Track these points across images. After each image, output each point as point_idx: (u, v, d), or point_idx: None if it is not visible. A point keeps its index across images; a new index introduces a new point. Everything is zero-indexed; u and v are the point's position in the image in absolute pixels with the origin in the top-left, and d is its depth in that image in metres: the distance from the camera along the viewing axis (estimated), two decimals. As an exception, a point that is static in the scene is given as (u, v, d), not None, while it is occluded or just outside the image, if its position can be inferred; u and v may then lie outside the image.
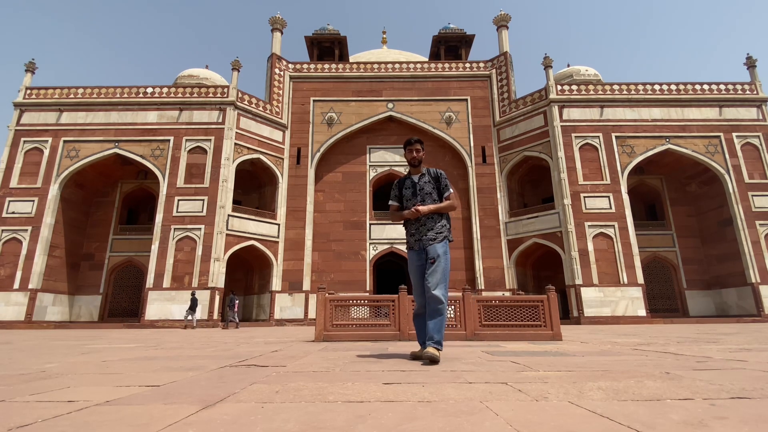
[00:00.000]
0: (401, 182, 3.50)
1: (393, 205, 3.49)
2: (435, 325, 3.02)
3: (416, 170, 3.43)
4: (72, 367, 3.00)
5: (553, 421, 1.30)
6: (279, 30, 23.41)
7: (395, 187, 3.51)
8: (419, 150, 3.38)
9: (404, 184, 3.45)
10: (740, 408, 1.45)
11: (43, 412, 1.48)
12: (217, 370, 2.74)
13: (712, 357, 3.27)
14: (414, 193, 3.36)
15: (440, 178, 3.36)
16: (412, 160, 3.38)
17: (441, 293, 3.03)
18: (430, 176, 3.39)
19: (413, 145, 3.39)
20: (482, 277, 19.64)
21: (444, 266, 3.13)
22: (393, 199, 3.49)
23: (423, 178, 3.38)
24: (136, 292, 20.15)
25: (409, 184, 3.41)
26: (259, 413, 1.46)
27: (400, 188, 3.47)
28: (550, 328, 6.25)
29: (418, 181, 3.39)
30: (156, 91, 19.87)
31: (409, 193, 3.38)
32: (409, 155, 3.40)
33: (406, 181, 3.45)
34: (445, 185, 3.34)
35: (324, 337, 6.19)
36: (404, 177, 3.52)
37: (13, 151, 18.59)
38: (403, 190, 3.43)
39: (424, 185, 3.35)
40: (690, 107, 19.77)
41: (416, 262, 3.29)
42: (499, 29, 23.44)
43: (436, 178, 3.37)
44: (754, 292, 17.45)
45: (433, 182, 3.36)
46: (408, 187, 3.41)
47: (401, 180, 3.52)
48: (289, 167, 21.13)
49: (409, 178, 3.45)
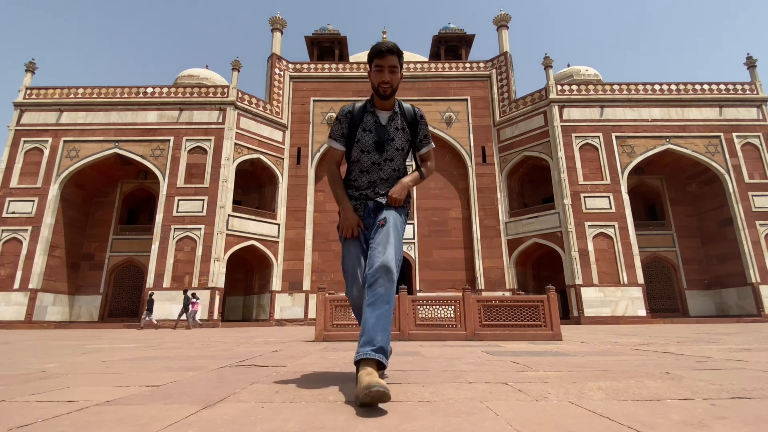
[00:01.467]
0: (357, 116, 2.13)
1: (336, 150, 2.17)
2: (379, 319, 1.79)
3: (385, 103, 2.12)
4: (72, 367, 3.00)
5: (553, 421, 1.30)
6: (279, 30, 23.42)
7: (344, 119, 2.14)
8: (395, 69, 2.03)
9: (363, 122, 2.12)
10: (740, 408, 1.44)
11: (43, 412, 1.48)
12: (217, 370, 2.74)
13: (712, 357, 3.27)
14: (379, 143, 2.11)
15: (419, 124, 2.20)
16: (383, 86, 2.03)
17: (394, 263, 1.87)
18: (405, 119, 2.17)
19: (385, 57, 2.00)
20: (482, 277, 19.64)
21: (399, 232, 2.04)
22: (337, 138, 2.15)
23: (394, 121, 2.14)
24: (136, 292, 20.15)
25: (370, 125, 2.11)
26: (259, 413, 1.45)
27: (354, 126, 2.13)
28: (550, 328, 6.25)
29: (387, 125, 2.12)
30: (156, 91, 19.88)
31: (370, 142, 2.11)
32: (378, 76, 2.03)
33: (367, 118, 2.13)
34: (424, 135, 2.22)
35: (324, 337, 6.19)
36: (361, 107, 2.15)
37: (13, 151, 18.60)
38: (361, 132, 2.12)
39: (394, 134, 2.13)
40: (690, 107, 19.77)
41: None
42: (499, 29, 23.45)
43: (413, 123, 2.18)
44: (754, 292, 17.45)
45: (408, 128, 2.17)
46: (369, 130, 2.11)
47: (357, 111, 2.13)
48: (289, 167, 21.13)
49: (373, 114, 2.13)
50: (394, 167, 2.17)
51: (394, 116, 2.16)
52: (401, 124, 2.16)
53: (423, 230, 20.78)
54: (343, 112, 2.15)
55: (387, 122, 2.14)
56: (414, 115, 2.20)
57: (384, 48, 2.00)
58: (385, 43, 2.01)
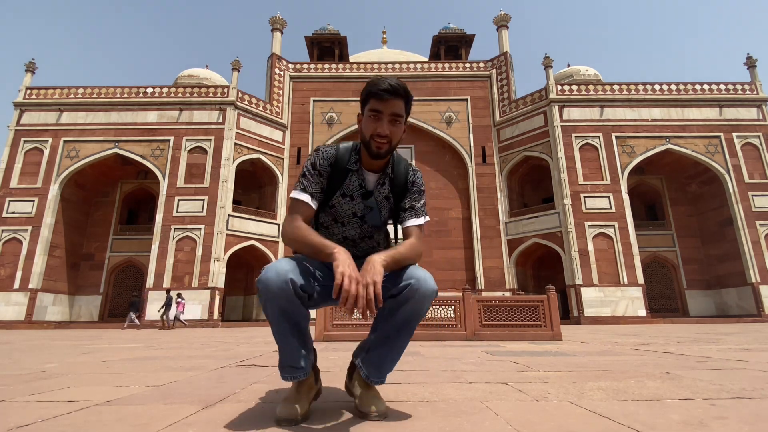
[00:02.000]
0: (337, 168, 1.53)
1: (304, 204, 1.47)
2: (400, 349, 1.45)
3: (376, 163, 1.53)
4: (72, 367, 3.00)
5: (553, 421, 1.30)
6: (279, 30, 23.42)
7: (324, 169, 1.52)
8: (399, 119, 1.44)
9: (345, 183, 1.54)
10: (740, 408, 1.44)
11: (43, 412, 1.48)
12: (217, 370, 2.74)
13: (712, 357, 3.27)
14: (358, 212, 1.55)
15: (408, 191, 1.59)
16: (378, 140, 1.44)
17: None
18: (395, 183, 1.58)
19: (387, 100, 1.40)
20: (482, 277, 19.64)
21: None
22: (314, 193, 1.49)
23: (383, 187, 1.57)
24: (136, 292, 20.13)
25: (353, 189, 1.54)
26: (259, 413, 1.46)
27: (333, 182, 1.54)
28: (550, 328, 6.26)
29: (375, 190, 1.56)
30: (156, 91, 19.87)
31: (349, 213, 1.55)
32: (372, 125, 1.44)
33: (351, 178, 1.54)
34: (411, 206, 1.56)
35: (324, 337, 6.19)
36: (345, 160, 1.54)
37: (13, 151, 18.59)
38: (339, 198, 1.54)
39: (381, 204, 1.57)
40: (690, 107, 19.77)
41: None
42: (499, 29, 23.44)
43: (403, 188, 1.58)
44: (754, 292, 17.45)
45: (393, 196, 1.59)
46: (349, 196, 1.54)
47: (340, 165, 1.53)
48: (289, 167, 21.13)
49: (358, 174, 1.54)
50: (373, 244, 1.62)
51: (383, 179, 1.56)
52: (389, 191, 1.57)
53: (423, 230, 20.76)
54: (324, 161, 1.52)
55: (374, 187, 1.56)
56: (405, 180, 1.59)
57: (386, 87, 1.39)
58: (390, 80, 1.41)
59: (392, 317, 1.36)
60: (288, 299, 1.27)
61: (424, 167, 21.58)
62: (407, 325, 1.38)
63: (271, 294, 1.26)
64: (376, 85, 1.41)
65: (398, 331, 1.38)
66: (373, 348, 1.42)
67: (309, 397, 1.42)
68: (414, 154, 21.88)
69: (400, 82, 1.43)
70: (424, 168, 21.67)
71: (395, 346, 1.41)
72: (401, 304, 1.33)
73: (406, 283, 1.32)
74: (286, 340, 1.34)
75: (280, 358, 1.38)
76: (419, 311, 1.36)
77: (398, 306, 1.34)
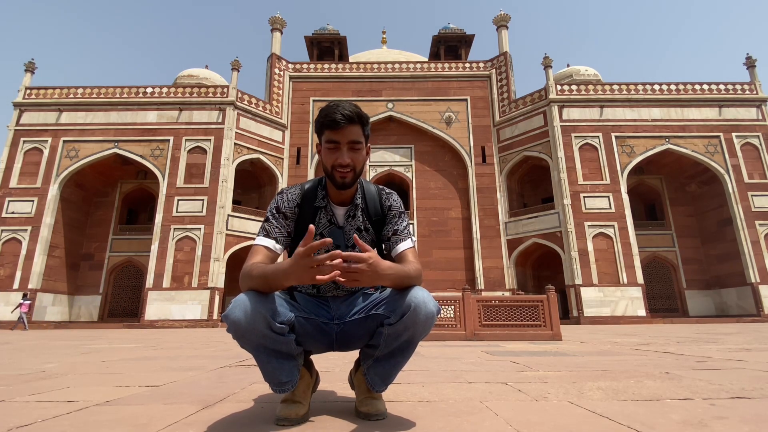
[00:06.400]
0: (304, 208, 1.49)
1: (266, 249, 1.37)
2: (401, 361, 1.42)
3: (343, 194, 1.47)
4: (72, 367, 3.00)
5: (553, 421, 1.30)
6: (279, 30, 23.42)
7: (290, 212, 1.47)
8: (359, 145, 1.39)
9: (316, 216, 1.49)
10: (740, 408, 1.45)
11: (43, 412, 1.48)
12: (216, 370, 2.74)
13: (711, 357, 3.27)
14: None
15: (387, 216, 1.51)
16: (340, 170, 1.38)
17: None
18: (367, 213, 1.51)
19: (341, 129, 1.35)
20: (482, 277, 19.64)
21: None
22: (279, 238, 1.42)
23: (355, 219, 1.49)
24: (135, 292, 20.13)
25: (323, 226, 1.48)
26: (259, 413, 1.46)
27: (297, 221, 1.49)
28: (549, 328, 6.26)
29: (344, 225, 1.49)
30: (156, 91, 19.87)
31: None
32: (331, 156, 1.38)
33: (320, 216, 1.49)
34: (393, 231, 1.48)
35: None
36: (311, 198, 1.50)
37: (13, 151, 18.58)
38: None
39: (354, 232, 1.49)
40: (690, 107, 19.78)
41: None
42: (498, 29, 23.45)
43: (381, 215, 1.51)
44: (753, 292, 17.45)
45: (372, 226, 1.51)
46: (321, 230, 1.48)
47: (306, 205, 1.49)
48: (288, 167, 21.13)
49: (326, 210, 1.49)
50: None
51: (353, 210, 1.48)
52: (362, 222, 1.48)
53: (423, 230, 20.79)
54: (288, 203, 1.46)
55: (344, 221, 1.48)
56: (380, 207, 1.49)
57: (339, 116, 1.32)
58: (343, 107, 1.34)
59: (395, 340, 1.34)
60: (263, 335, 1.21)
61: (423, 167, 21.59)
62: (411, 344, 1.38)
63: (241, 332, 1.21)
64: (329, 115, 1.34)
65: (402, 351, 1.39)
66: (377, 361, 1.39)
67: (308, 396, 1.41)
68: (414, 154, 21.89)
69: (353, 106, 1.36)
70: (424, 168, 21.69)
71: (399, 362, 1.40)
72: (404, 330, 1.31)
73: (408, 307, 1.26)
74: (267, 365, 1.28)
75: (263, 376, 1.31)
76: (422, 333, 1.35)
77: (402, 331, 1.31)
